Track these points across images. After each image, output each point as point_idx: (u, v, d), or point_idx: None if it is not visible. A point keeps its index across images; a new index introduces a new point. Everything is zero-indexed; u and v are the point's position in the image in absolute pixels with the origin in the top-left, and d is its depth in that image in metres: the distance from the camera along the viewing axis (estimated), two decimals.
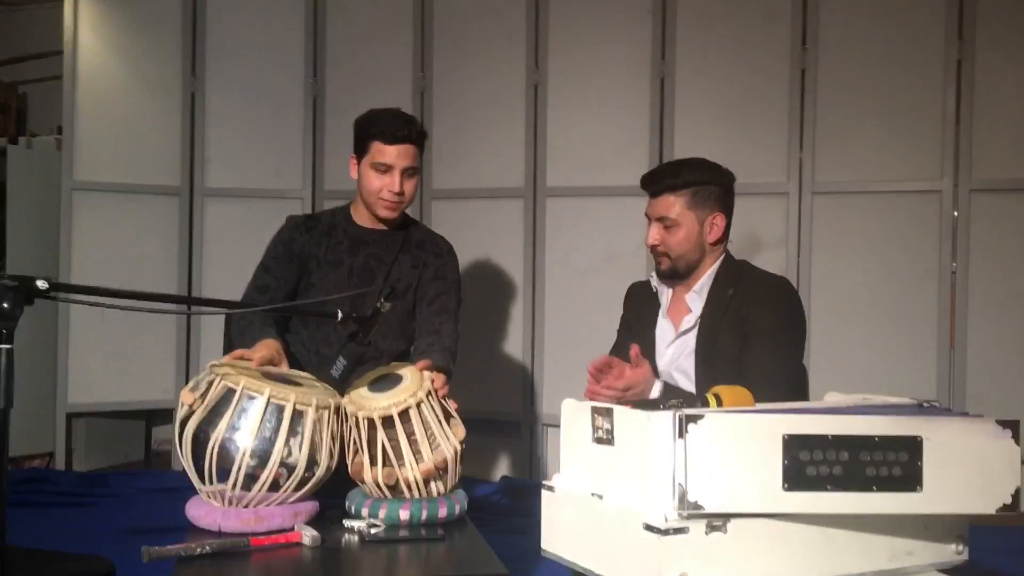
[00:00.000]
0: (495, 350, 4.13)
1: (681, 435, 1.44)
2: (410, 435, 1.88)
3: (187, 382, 4.17)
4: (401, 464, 1.87)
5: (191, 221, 4.35)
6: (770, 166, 3.74)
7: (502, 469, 4.18)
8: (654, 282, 2.38)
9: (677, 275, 2.30)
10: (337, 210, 2.63)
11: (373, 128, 2.43)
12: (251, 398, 1.81)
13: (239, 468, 1.77)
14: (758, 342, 2.16)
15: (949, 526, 1.61)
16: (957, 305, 3.58)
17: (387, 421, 1.87)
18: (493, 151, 4.12)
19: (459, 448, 1.93)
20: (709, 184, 2.25)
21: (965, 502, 1.52)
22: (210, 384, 1.84)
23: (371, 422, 1.87)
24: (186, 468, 1.82)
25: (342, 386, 1.93)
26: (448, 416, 1.97)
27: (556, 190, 4.03)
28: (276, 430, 1.79)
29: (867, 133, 3.69)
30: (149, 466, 4.56)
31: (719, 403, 1.63)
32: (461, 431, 1.96)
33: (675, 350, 2.29)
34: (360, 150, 2.48)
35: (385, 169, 2.41)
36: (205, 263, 4.34)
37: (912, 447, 1.51)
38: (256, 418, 1.79)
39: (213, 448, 1.77)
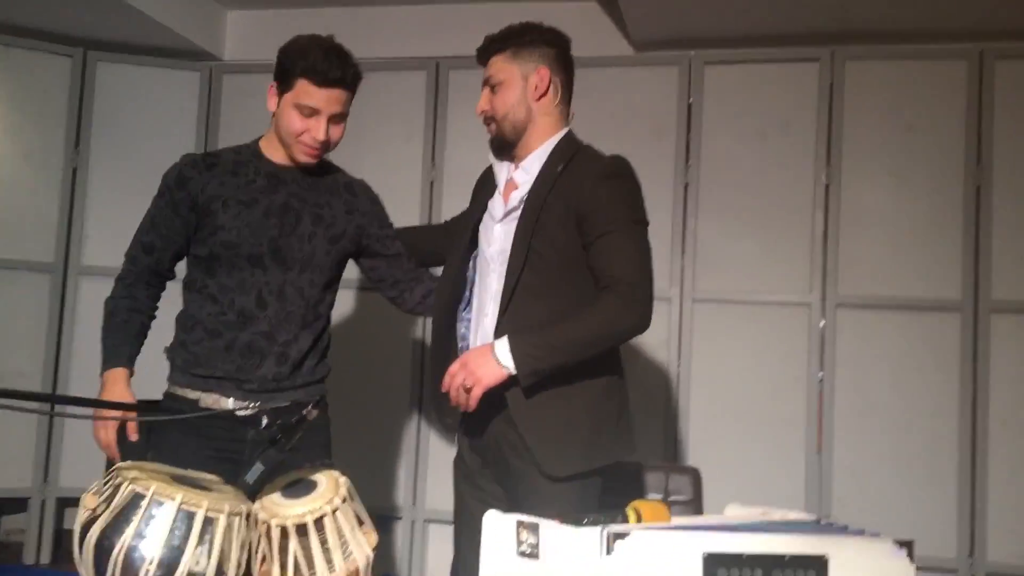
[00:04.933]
0: (380, 437, 4.08)
1: (608, 551, 1.48)
2: (323, 543, 1.84)
3: (46, 471, 4.03)
4: (312, 573, 1.83)
5: (63, 299, 4.16)
6: (656, 276, 3.90)
7: (384, 562, 4.09)
8: (491, 159, 2.30)
9: (506, 143, 2.22)
10: (241, 147, 2.32)
11: (303, 63, 2.14)
12: (160, 504, 1.74)
13: None
14: (599, 229, 2.08)
15: None
16: (824, 411, 3.79)
17: (300, 529, 1.83)
18: None
19: (371, 556, 1.90)
20: (535, 42, 2.21)
21: None
22: (116, 488, 1.76)
23: (284, 530, 1.82)
24: (83, 575, 1.73)
25: (254, 493, 1.88)
26: (361, 522, 1.94)
27: None
28: (185, 538, 1.73)
29: (743, 248, 3.92)
30: None
31: (639, 518, 1.68)
32: (374, 538, 1.93)
33: (503, 229, 2.21)
34: (283, 83, 2.19)
35: (310, 113, 2.17)
36: (76, 343, 4.15)
37: (819, 566, 1.60)
38: (165, 525, 1.72)
39: (118, 556, 1.68)
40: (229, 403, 2.19)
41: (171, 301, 2.38)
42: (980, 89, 3.76)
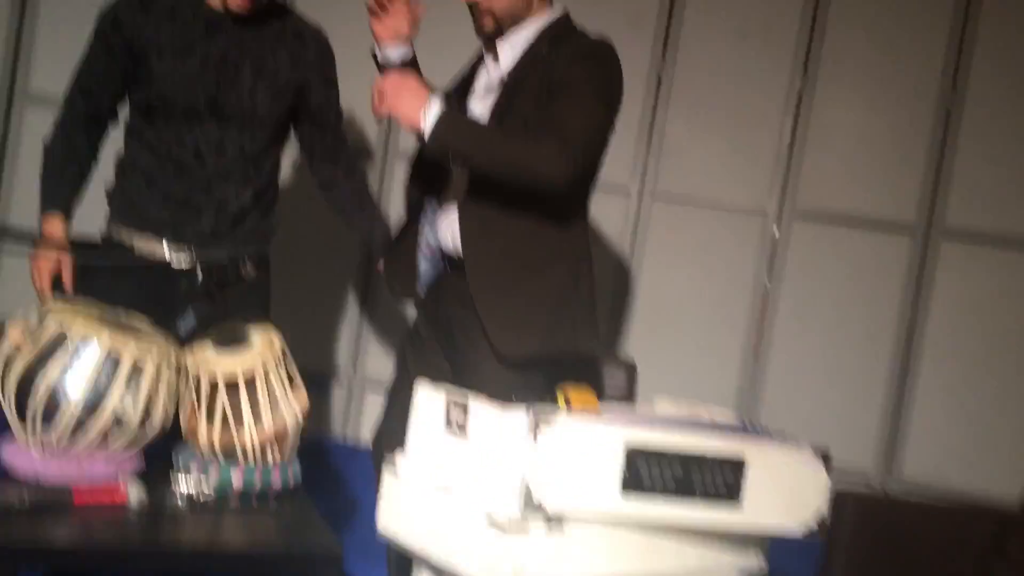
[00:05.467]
0: (325, 298, 4.05)
1: (534, 436, 1.50)
2: (252, 399, 1.84)
3: None
4: (240, 428, 1.83)
5: (6, 127, 4.01)
6: (619, 168, 3.87)
7: (319, 423, 4.13)
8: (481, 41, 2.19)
9: (500, 33, 2.11)
10: None
11: None
12: (87, 344, 1.71)
13: (67, 417, 1.68)
14: (565, 94, 2.01)
15: (753, 540, 1.76)
16: (766, 319, 3.85)
17: (230, 384, 1.82)
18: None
19: (300, 417, 1.90)
20: None
21: (778, 522, 1.67)
22: (41, 323, 1.73)
23: (213, 383, 1.81)
24: (5, 410, 1.71)
25: (185, 343, 1.86)
26: (292, 382, 1.94)
27: None
28: (111, 381, 1.71)
29: (708, 149, 3.88)
30: None
31: (567, 403, 1.69)
32: (304, 399, 1.93)
33: (484, 104, 2.14)
34: None
35: None
36: (19, 174, 4.01)
37: (737, 467, 1.64)
38: (91, 367, 1.70)
39: (42, 394, 1.67)
40: (165, 252, 2.13)
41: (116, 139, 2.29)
42: (966, 12, 3.69)
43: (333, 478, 3.45)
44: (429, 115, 1.95)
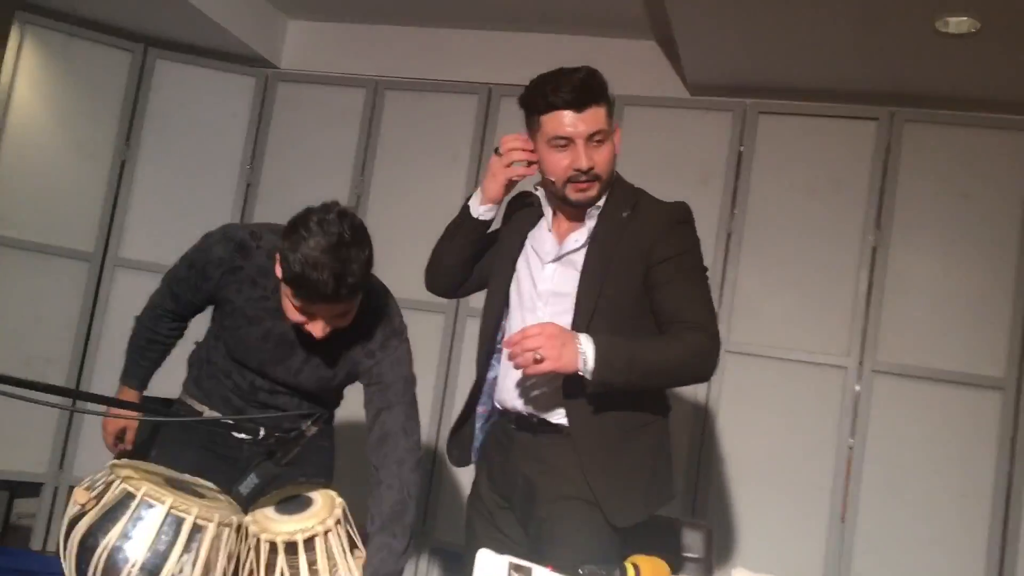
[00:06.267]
0: None
1: None
2: (311, 564, 1.79)
3: (62, 458, 4.03)
4: None
5: (97, 288, 4.19)
6: None
7: None
8: (540, 195, 2.17)
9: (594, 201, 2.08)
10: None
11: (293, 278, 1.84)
12: (150, 506, 1.70)
13: None
14: (673, 272, 2.02)
15: None
16: (851, 480, 3.67)
17: (290, 547, 1.78)
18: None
19: None
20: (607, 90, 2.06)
21: None
22: (108, 485, 1.73)
23: (272, 546, 1.78)
24: (66, 570, 1.70)
25: (248, 504, 1.84)
26: (353, 546, 1.89)
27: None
28: (172, 544, 1.68)
29: (783, 303, 3.83)
30: (5, 540, 4.24)
31: (637, 574, 1.61)
32: (364, 562, 1.88)
33: (557, 270, 2.11)
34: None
35: (308, 316, 1.93)
36: (106, 334, 4.16)
37: None
38: (152, 529, 1.68)
39: (101, 554, 1.65)
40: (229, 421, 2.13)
41: None
42: None
43: None
44: (586, 355, 1.90)
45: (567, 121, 1.99)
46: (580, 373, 1.92)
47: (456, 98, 4.24)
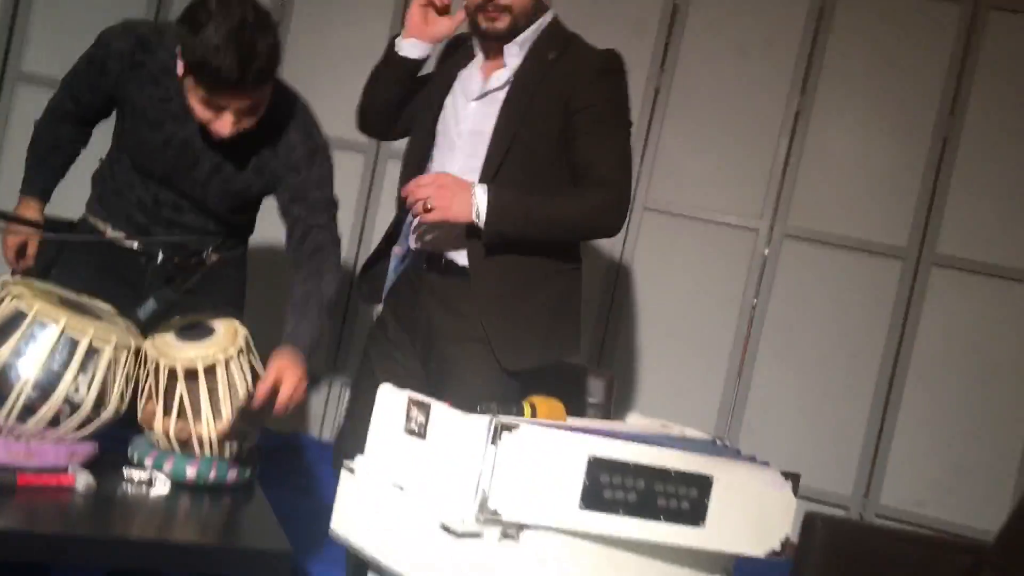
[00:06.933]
0: None
1: (494, 441, 1.45)
2: (212, 391, 1.79)
3: None
4: (197, 420, 1.78)
5: None
6: None
7: (297, 421, 4.09)
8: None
9: (511, 34, 2.05)
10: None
11: (191, 57, 1.74)
12: (43, 326, 1.66)
13: (17, 397, 1.63)
14: (591, 123, 2.01)
15: (718, 559, 1.71)
16: (750, 338, 3.80)
17: (190, 373, 1.77)
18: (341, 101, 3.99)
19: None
20: None
21: (741, 542, 1.62)
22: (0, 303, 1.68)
23: (172, 371, 1.77)
24: None
25: (146, 328, 1.81)
26: (256, 377, 1.89)
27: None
28: (66, 364, 1.66)
29: (702, 163, 3.85)
30: None
31: (533, 413, 1.65)
32: None
33: (479, 109, 2.08)
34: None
35: (216, 108, 1.81)
36: (7, 153, 3.97)
37: (702, 485, 1.59)
38: (45, 348, 1.65)
39: None
40: (132, 243, 2.06)
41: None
42: (968, 38, 3.67)
43: (305, 477, 3.40)
44: (480, 205, 1.93)
45: None
46: (475, 222, 1.94)
47: None
